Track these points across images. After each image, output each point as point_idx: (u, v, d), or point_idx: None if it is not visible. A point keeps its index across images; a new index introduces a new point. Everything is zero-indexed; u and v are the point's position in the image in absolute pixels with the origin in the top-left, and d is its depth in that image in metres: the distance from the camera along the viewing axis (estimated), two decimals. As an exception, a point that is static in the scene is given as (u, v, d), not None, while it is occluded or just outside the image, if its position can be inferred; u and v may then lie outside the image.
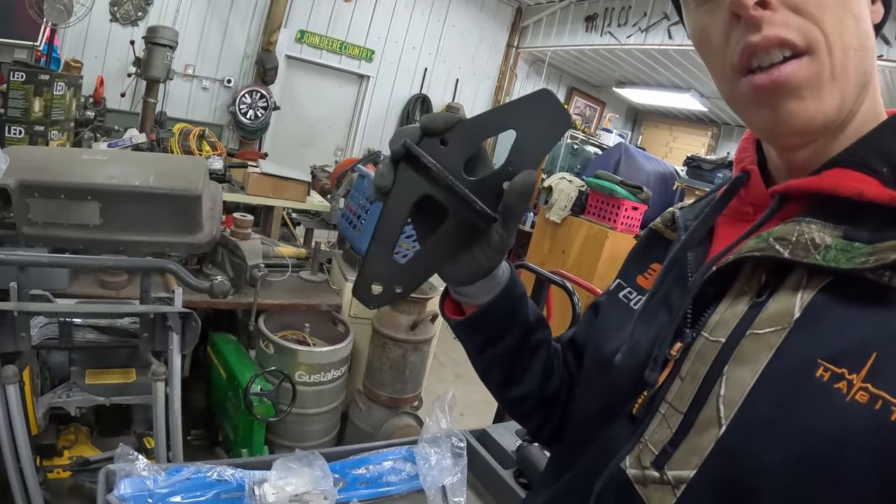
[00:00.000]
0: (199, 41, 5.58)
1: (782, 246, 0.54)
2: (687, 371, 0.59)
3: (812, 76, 0.53)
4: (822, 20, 0.52)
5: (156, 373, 1.79)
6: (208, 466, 1.23)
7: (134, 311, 1.84)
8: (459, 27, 7.29)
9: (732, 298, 0.58)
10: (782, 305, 0.53)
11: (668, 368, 0.61)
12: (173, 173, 2.25)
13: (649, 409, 0.61)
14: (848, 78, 0.54)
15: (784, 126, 0.55)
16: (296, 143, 6.51)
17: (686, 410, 0.57)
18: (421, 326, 2.58)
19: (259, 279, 2.44)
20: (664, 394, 0.60)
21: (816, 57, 0.52)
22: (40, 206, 1.99)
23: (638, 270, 0.78)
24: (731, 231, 0.65)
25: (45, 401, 1.91)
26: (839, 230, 0.53)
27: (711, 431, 0.54)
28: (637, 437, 0.62)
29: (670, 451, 0.57)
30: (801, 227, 0.55)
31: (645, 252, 0.81)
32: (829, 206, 0.55)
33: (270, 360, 2.45)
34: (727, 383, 0.54)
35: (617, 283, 0.81)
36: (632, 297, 0.76)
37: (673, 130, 9.50)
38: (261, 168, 3.43)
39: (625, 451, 0.62)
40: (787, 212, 0.59)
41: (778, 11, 0.52)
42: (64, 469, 2.00)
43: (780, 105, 0.54)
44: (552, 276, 2.29)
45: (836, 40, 0.52)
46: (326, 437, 2.68)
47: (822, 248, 0.52)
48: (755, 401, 0.52)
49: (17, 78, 2.95)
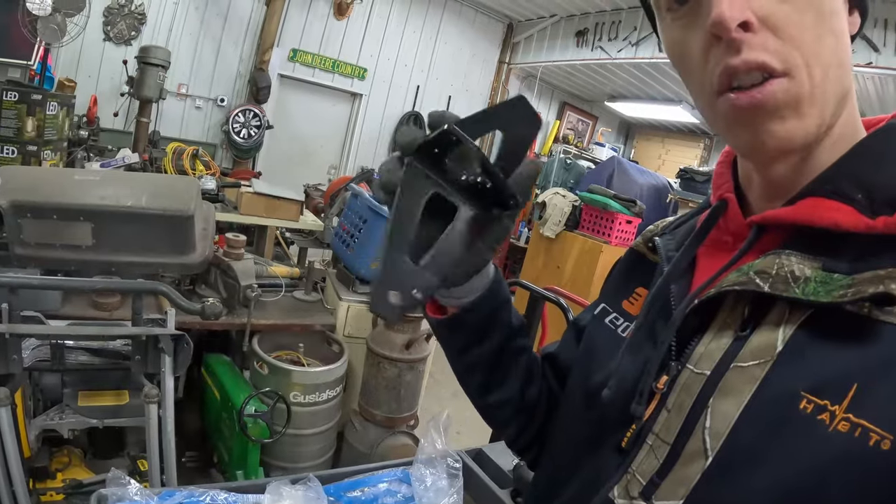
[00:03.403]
0: (192, 60, 5.59)
1: (762, 280, 0.55)
2: (673, 403, 0.59)
3: (791, 97, 0.53)
4: (802, 42, 0.52)
5: (148, 395, 1.77)
6: (201, 490, 1.21)
7: (125, 333, 1.83)
8: (451, 44, 7.34)
9: (716, 331, 0.59)
10: (765, 338, 0.54)
11: (656, 400, 0.61)
12: (166, 194, 2.24)
13: (637, 440, 0.62)
14: (827, 97, 0.54)
15: (764, 145, 0.55)
16: (289, 162, 6.51)
17: (673, 441, 0.58)
18: (416, 345, 2.57)
19: (252, 299, 2.43)
20: (651, 425, 0.61)
21: (796, 79, 0.52)
22: (32, 226, 1.98)
23: (623, 295, 0.78)
24: (711, 262, 0.65)
25: (37, 423, 1.89)
26: (818, 261, 0.54)
27: (698, 463, 0.54)
28: (625, 467, 0.62)
29: (657, 481, 0.58)
30: (781, 260, 0.55)
31: (628, 274, 0.81)
32: (808, 237, 0.56)
33: (265, 381, 2.43)
34: (712, 415, 0.54)
35: (602, 307, 0.80)
36: (618, 324, 0.76)
37: (665, 143, 9.55)
38: (253, 188, 3.43)
39: (613, 481, 0.63)
40: (766, 241, 0.60)
41: (758, 34, 0.52)
42: (57, 492, 1.97)
43: (760, 125, 0.54)
44: (546, 293, 2.29)
45: (815, 62, 0.52)
46: (322, 457, 2.65)
47: (801, 281, 0.52)
48: (740, 432, 0.52)
49: (9, 98, 2.94)
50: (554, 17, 7.07)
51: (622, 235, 5.19)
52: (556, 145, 8.19)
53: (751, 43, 0.52)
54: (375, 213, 2.70)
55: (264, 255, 3.48)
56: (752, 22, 0.52)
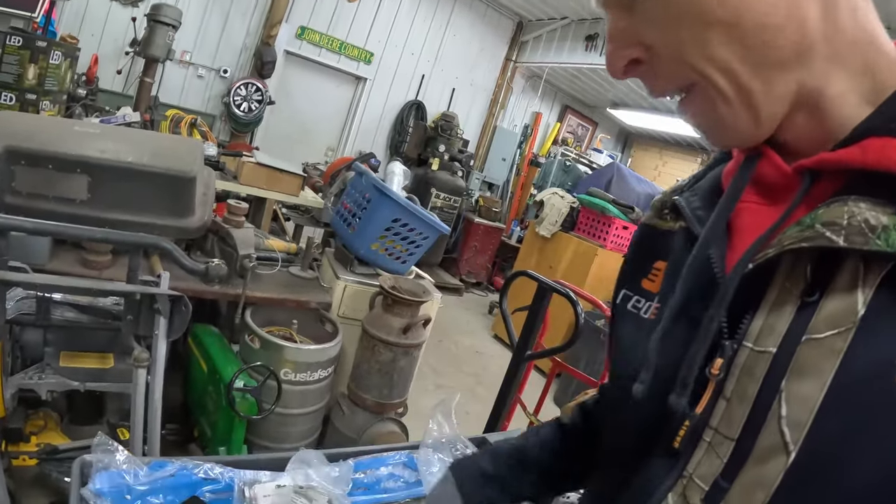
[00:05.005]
0: (198, 28, 5.48)
1: (833, 232, 0.46)
2: (732, 390, 0.52)
3: (704, 110, 0.54)
4: (686, 54, 0.52)
5: (138, 359, 1.67)
6: (195, 463, 1.13)
7: (122, 289, 1.73)
8: (460, 36, 7.29)
9: (774, 299, 0.51)
10: (841, 302, 0.46)
11: (710, 389, 0.53)
12: (169, 153, 2.16)
13: (692, 438, 0.54)
14: (751, 88, 0.51)
15: (718, 146, 0.58)
16: (287, 140, 6.42)
17: (738, 436, 0.50)
18: (413, 330, 2.50)
19: (249, 270, 2.34)
20: (707, 418, 0.53)
21: (699, 89, 0.53)
22: (26, 174, 1.89)
23: (640, 274, 0.70)
24: (753, 220, 0.57)
25: (14, 381, 1.79)
26: (891, 207, 0.46)
27: (777, 460, 0.47)
28: (678, 470, 0.55)
29: (725, 485, 0.51)
30: (850, 208, 0.47)
31: (643, 251, 0.72)
32: (873, 182, 0.47)
33: (255, 356, 2.34)
34: (789, 401, 0.47)
35: (622, 293, 0.72)
36: (641, 306, 0.68)
37: (663, 155, 9.58)
38: (256, 158, 3.34)
39: (665, 489, 0.56)
40: (818, 191, 0.52)
41: (646, 65, 0.55)
42: (30, 456, 1.87)
43: (702, 133, 0.56)
44: (555, 284, 2.23)
45: (706, 65, 0.51)
46: (307, 439, 2.57)
47: (879, 231, 0.45)
48: (827, 419, 0.45)
49: (13, 42, 2.83)
50: (565, 19, 7.05)
51: (617, 241, 5.18)
52: (556, 147, 8.17)
53: (646, 75, 0.56)
54: (380, 192, 2.63)
55: (261, 228, 3.39)
56: (638, 57, 0.55)
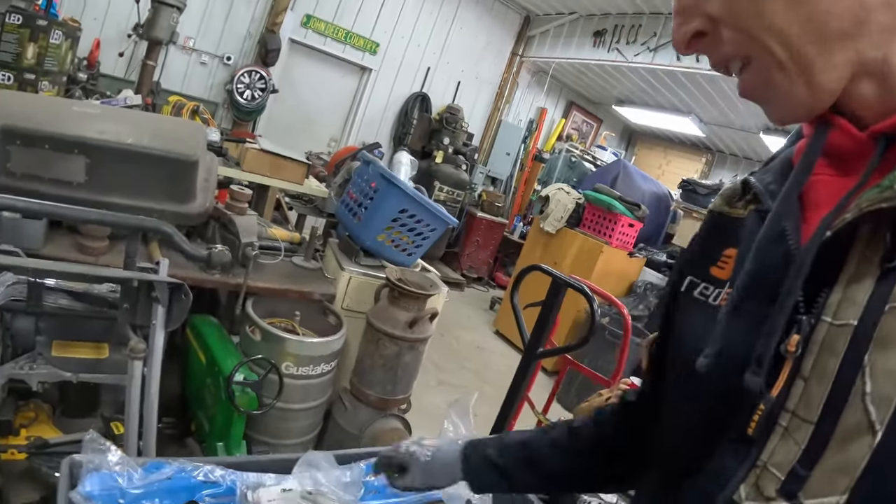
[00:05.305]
0: (202, 14, 5.38)
1: None
2: (811, 369, 0.47)
3: (763, 81, 0.54)
4: (745, 23, 0.52)
5: (134, 349, 1.59)
6: (194, 465, 1.05)
7: (118, 276, 1.65)
8: (466, 29, 7.21)
9: (854, 269, 0.47)
10: None
11: (786, 369, 0.49)
12: (170, 136, 2.08)
13: (767, 423, 0.49)
14: (808, 58, 0.50)
15: (776, 121, 0.56)
16: (290, 129, 6.33)
17: (818, 419, 0.46)
18: (419, 324, 2.42)
19: (251, 259, 2.26)
20: (784, 401, 0.48)
21: (758, 62, 0.53)
22: (21, 155, 1.81)
23: (709, 261, 0.66)
24: (827, 191, 0.54)
25: (4, 371, 1.70)
26: None
27: (862, 441, 0.43)
28: (751, 460, 0.50)
29: (803, 473, 0.46)
30: None
31: (711, 239, 0.69)
32: None
33: (256, 348, 2.26)
34: (873, 376, 0.43)
35: (689, 280, 0.68)
36: (709, 293, 0.64)
37: (667, 154, 9.51)
38: (259, 145, 3.25)
39: (737, 480, 0.50)
40: (893, 156, 0.50)
41: (709, 36, 0.56)
42: (20, 450, 1.79)
43: (761, 107, 0.57)
44: (571, 280, 2.15)
45: (765, 34, 0.51)
46: (308, 435, 2.49)
47: None
48: None
49: (12, 20, 2.74)
50: (573, 14, 6.99)
51: (623, 238, 5.13)
52: (560, 143, 8.09)
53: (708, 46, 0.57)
54: (388, 181, 2.54)
55: (263, 216, 3.31)
56: (702, 30, 0.56)
